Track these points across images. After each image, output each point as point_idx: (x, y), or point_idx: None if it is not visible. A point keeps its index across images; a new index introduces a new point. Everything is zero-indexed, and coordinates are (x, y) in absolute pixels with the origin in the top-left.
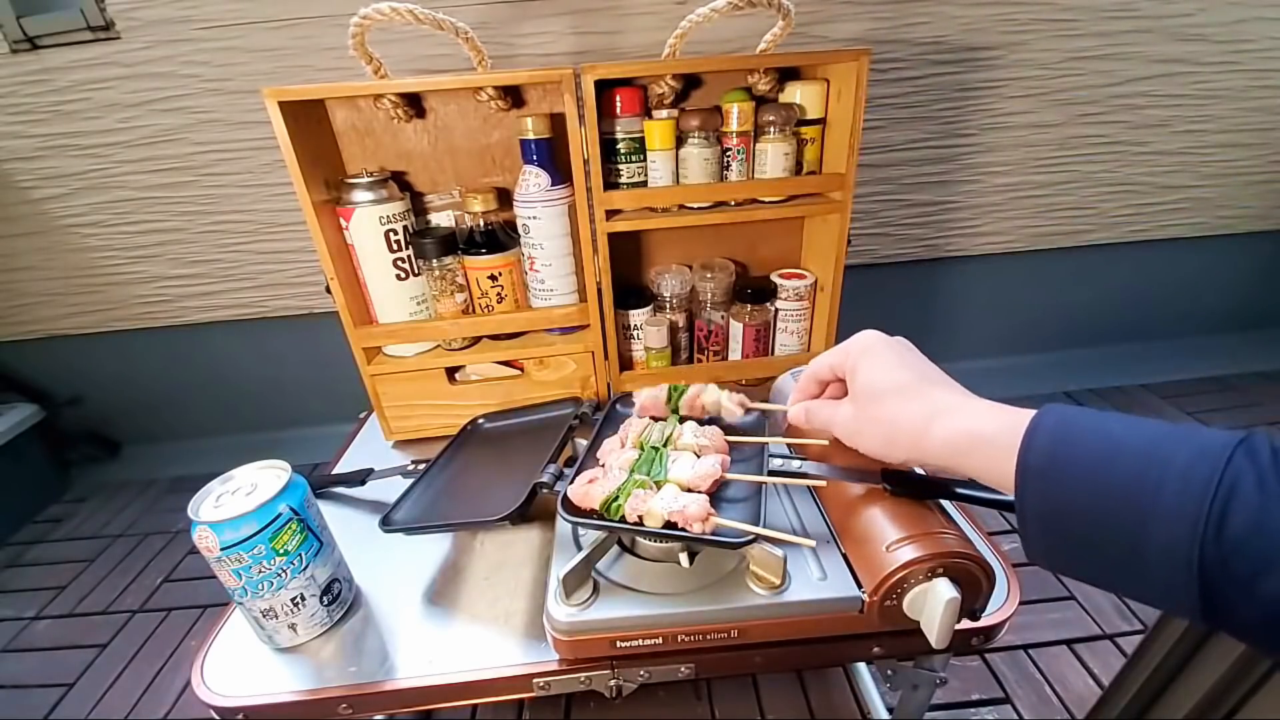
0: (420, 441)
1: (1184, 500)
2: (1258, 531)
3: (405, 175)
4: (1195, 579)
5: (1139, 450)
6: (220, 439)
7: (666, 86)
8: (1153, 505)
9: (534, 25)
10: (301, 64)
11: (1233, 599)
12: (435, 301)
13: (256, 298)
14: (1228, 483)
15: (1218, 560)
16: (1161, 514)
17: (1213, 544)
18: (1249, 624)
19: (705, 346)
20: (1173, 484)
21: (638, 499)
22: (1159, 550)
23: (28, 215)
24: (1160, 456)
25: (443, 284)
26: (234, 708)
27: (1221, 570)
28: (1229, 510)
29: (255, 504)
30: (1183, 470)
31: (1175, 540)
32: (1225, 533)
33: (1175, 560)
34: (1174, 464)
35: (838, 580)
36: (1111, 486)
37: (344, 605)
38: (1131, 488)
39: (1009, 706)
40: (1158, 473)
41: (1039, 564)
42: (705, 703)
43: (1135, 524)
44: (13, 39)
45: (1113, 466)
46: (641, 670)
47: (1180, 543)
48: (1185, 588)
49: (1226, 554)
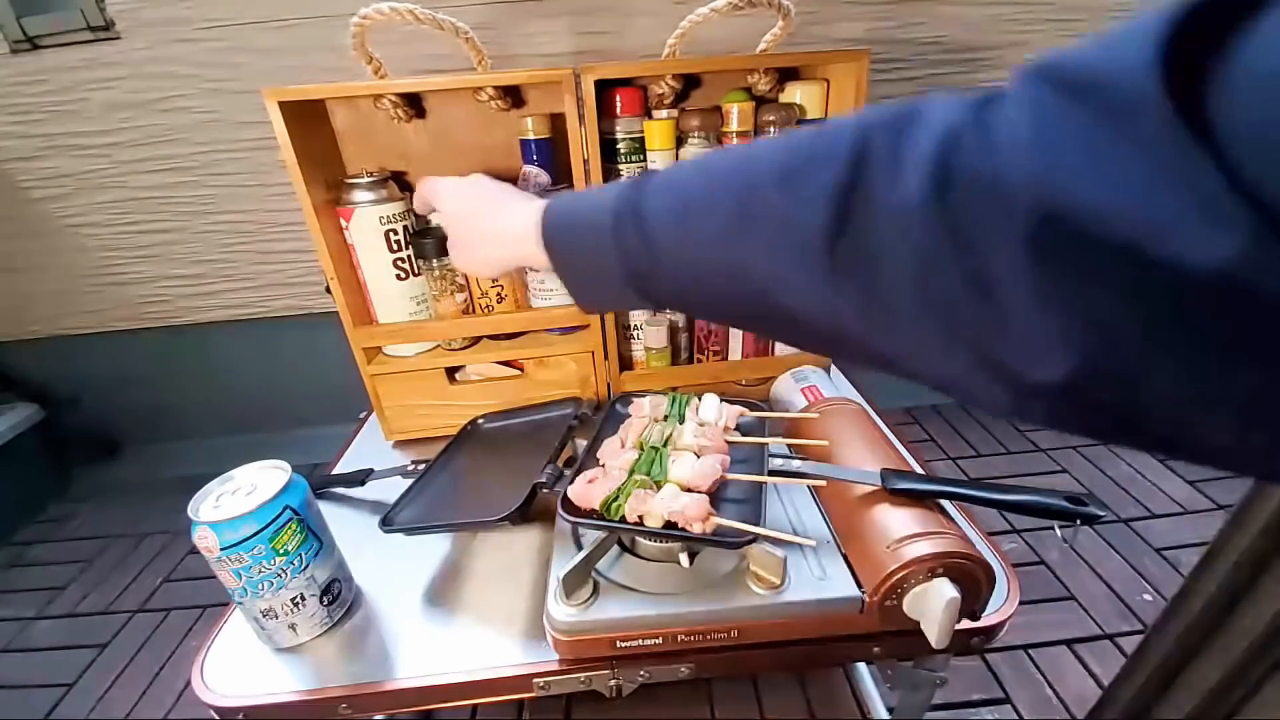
0: (420, 441)
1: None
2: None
3: (405, 175)
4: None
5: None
6: (220, 439)
7: (666, 86)
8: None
9: (534, 25)
10: (301, 64)
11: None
12: (435, 302)
13: (256, 298)
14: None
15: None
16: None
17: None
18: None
19: (705, 346)
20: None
21: (638, 499)
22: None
23: (28, 215)
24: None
25: (443, 284)
26: (234, 708)
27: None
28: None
29: (255, 504)
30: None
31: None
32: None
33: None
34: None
35: (838, 580)
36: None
37: (344, 605)
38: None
39: (1009, 706)
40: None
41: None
42: (705, 703)
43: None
44: (13, 39)
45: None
46: (641, 670)
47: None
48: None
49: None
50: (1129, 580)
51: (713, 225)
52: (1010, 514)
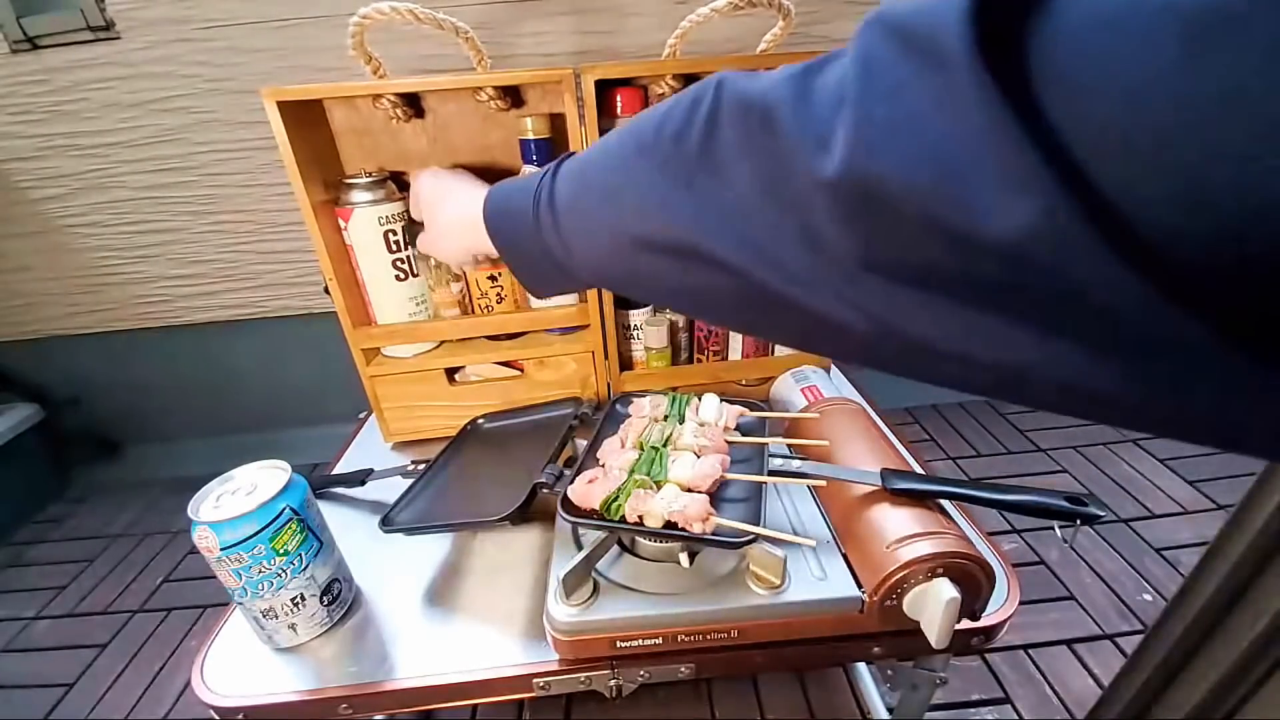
0: (420, 442)
1: None
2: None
3: (405, 175)
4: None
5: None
6: (220, 439)
7: (667, 86)
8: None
9: (534, 25)
10: (301, 64)
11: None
12: (431, 291)
13: (256, 298)
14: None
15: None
16: None
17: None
18: None
19: (705, 347)
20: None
21: (638, 499)
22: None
23: (27, 215)
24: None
25: (438, 274)
26: (234, 708)
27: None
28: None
29: (255, 504)
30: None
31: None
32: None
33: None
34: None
35: (838, 580)
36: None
37: (344, 605)
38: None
39: (1009, 706)
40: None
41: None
42: (705, 703)
43: None
44: (13, 39)
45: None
46: (641, 670)
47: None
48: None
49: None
50: (1129, 580)
51: (600, 189)
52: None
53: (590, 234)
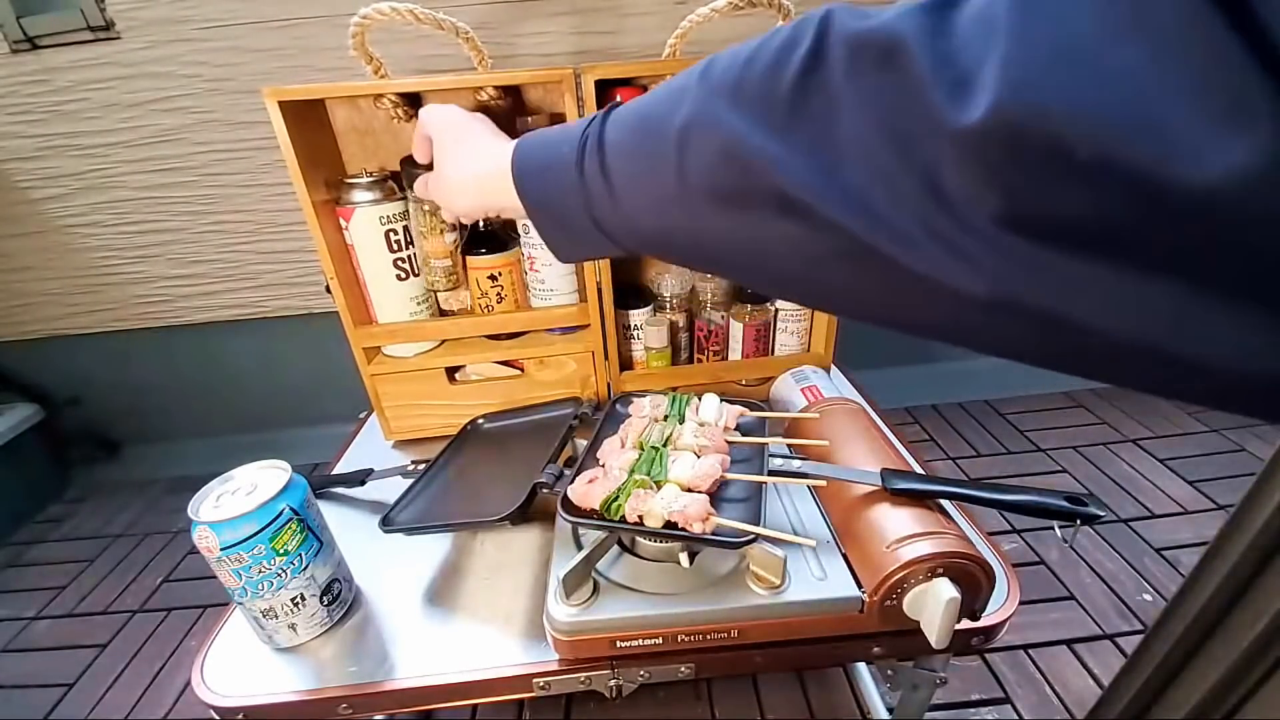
0: (420, 441)
1: None
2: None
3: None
4: None
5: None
6: (220, 439)
7: None
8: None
9: (534, 25)
10: (301, 64)
11: None
12: (423, 239)
13: (256, 298)
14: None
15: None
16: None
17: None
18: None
19: (705, 346)
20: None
21: (638, 499)
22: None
23: (27, 215)
24: None
25: (433, 220)
26: (234, 708)
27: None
28: None
29: (255, 504)
30: None
31: None
32: None
33: None
34: None
35: (838, 580)
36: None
37: (344, 605)
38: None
39: (1009, 706)
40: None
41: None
42: (705, 703)
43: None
44: (13, 39)
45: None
46: (641, 670)
47: None
48: None
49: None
50: (1129, 580)
51: (663, 134)
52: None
53: (646, 186)
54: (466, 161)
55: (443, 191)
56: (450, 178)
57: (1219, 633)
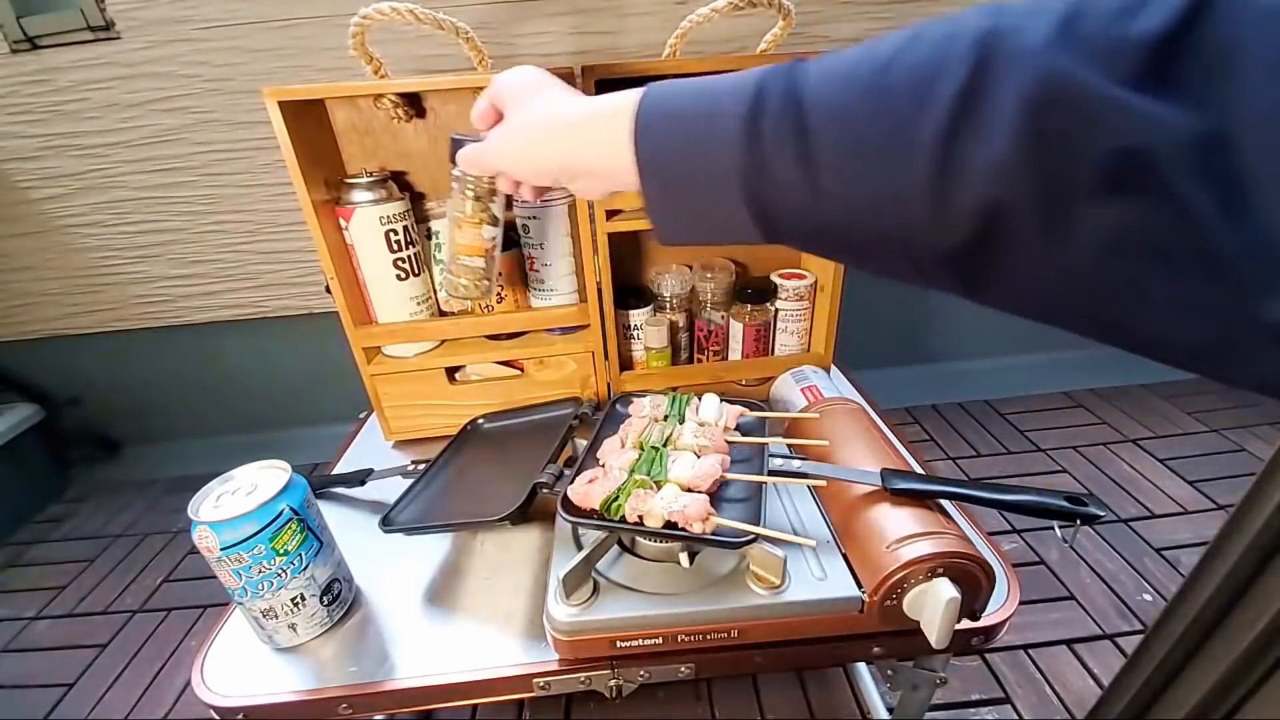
0: (420, 441)
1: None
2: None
3: (405, 175)
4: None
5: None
6: (220, 439)
7: None
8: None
9: (534, 25)
10: (301, 64)
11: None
12: (456, 229)
13: (256, 298)
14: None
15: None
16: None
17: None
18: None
19: (705, 346)
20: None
21: (638, 499)
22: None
23: (28, 215)
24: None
25: (474, 206)
26: (234, 708)
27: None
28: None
29: (255, 504)
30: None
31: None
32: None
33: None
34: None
35: (838, 580)
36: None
37: (344, 605)
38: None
39: (1009, 706)
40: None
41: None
42: (705, 703)
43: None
44: (13, 39)
45: None
46: (641, 670)
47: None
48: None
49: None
50: (1129, 580)
51: (930, 92)
52: (1010, 514)
53: (883, 166)
54: (552, 107)
55: (510, 149)
56: (526, 126)
57: (1219, 633)
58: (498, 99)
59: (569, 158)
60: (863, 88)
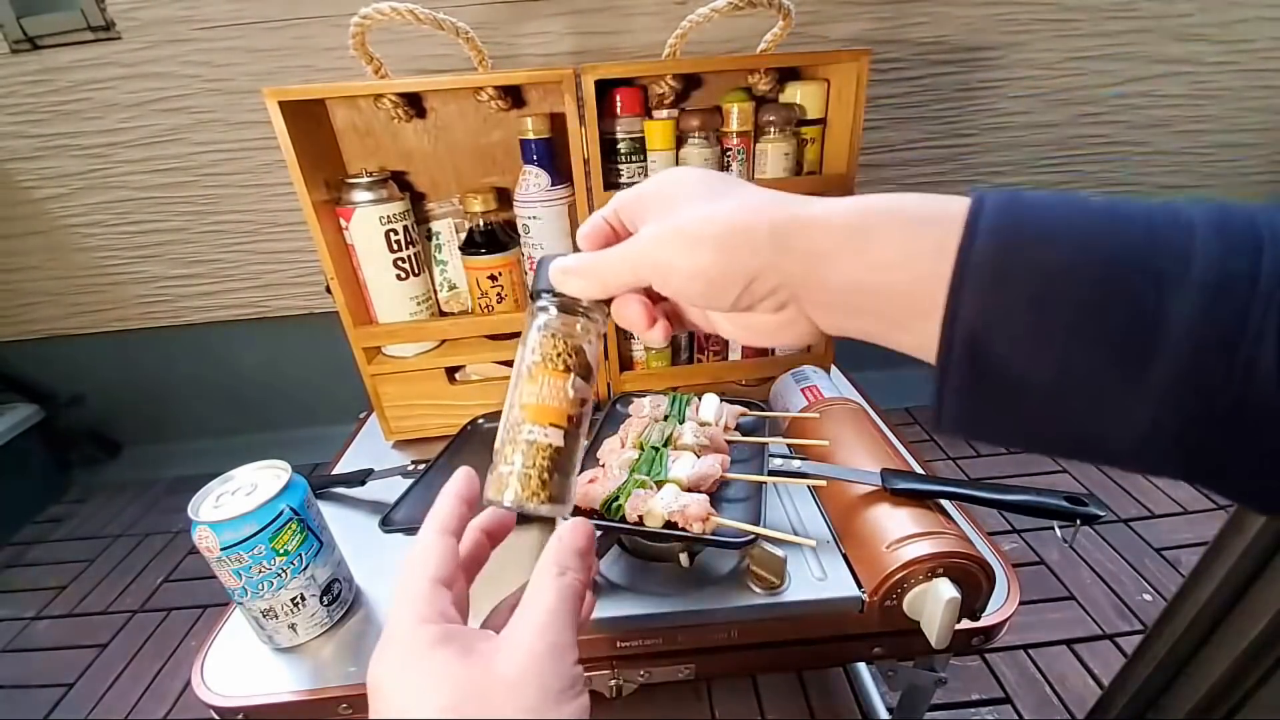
0: (420, 441)
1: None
2: None
3: (405, 175)
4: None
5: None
6: (220, 439)
7: (667, 87)
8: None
9: (534, 25)
10: (301, 64)
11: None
12: (527, 379)
13: (256, 298)
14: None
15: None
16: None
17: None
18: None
19: (705, 346)
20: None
21: (638, 499)
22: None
23: (28, 215)
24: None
25: (558, 347)
26: (234, 708)
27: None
28: None
29: (255, 504)
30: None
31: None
32: None
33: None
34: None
35: (838, 580)
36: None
37: (344, 605)
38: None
39: (1009, 706)
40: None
41: (956, 426)
42: (705, 703)
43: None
44: (13, 39)
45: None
46: (641, 670)
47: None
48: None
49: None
50: (1129, 580)
51: None
52: (1010, 514)
53: None
54: (733, 202)
55: (674, 248)
56: (701, 221)
57: (1219, 633)
58: (630, 208)
59: (782, 260)
60: None
